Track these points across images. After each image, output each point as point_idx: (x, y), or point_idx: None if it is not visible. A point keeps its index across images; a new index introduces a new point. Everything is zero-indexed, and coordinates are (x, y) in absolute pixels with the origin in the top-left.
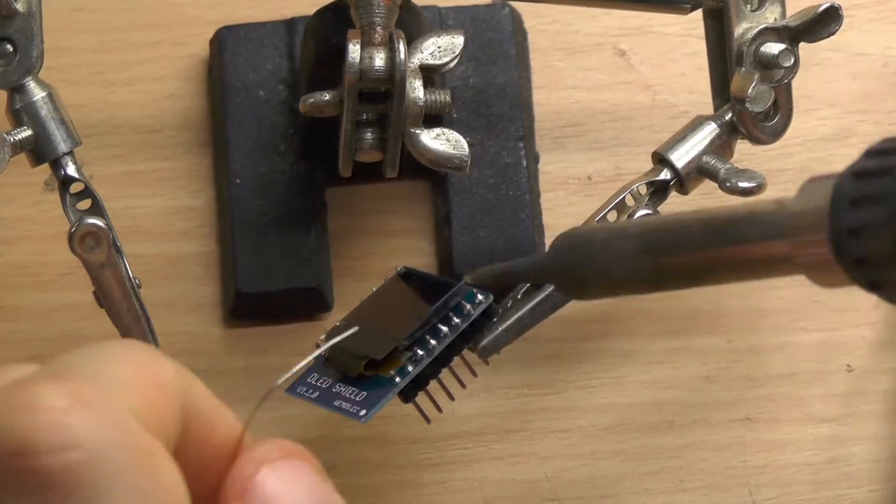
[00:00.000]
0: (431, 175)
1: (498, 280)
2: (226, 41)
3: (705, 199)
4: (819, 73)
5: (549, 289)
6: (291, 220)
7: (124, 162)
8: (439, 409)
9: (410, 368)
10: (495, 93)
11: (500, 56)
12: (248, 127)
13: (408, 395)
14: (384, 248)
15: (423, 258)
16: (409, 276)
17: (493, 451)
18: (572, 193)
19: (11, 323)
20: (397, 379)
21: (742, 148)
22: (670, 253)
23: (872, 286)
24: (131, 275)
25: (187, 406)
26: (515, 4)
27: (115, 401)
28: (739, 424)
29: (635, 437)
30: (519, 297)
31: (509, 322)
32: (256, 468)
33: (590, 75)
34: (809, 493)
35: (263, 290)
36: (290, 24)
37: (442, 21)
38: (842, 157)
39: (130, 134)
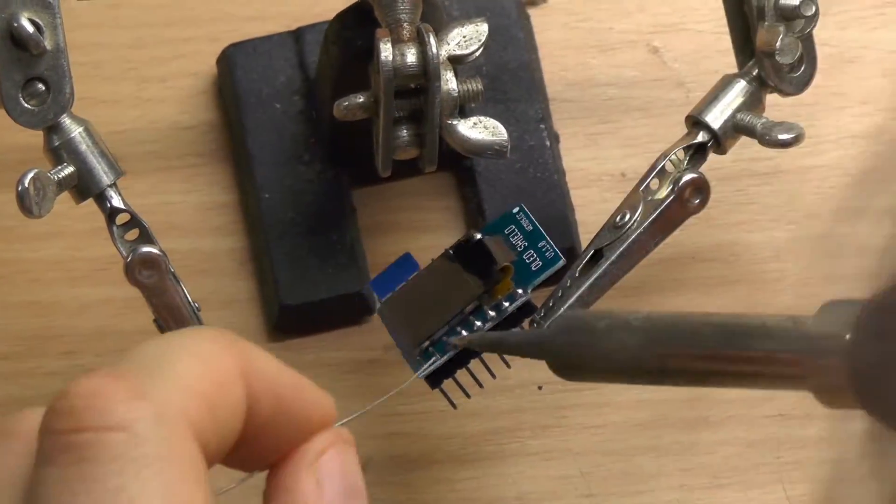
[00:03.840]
0: (455, 167)
1: (490, 349)
2: (235, 58)
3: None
4: (852, 70)
5: (606, 264)
6: (325, 228)
7: (159, 158)
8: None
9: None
10: (510, 78)
11: (509, 41)
12: (269, 141)
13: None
14: (416, 244)
15: None
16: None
17: (528, 447)
18: (606, 190)
19: (46, 318)
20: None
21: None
22: (677, 351)
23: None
24: (190, 299)
25: (257, 389)
26: None
27: (170, 399)
28: (773, 421)
29: (670, 433)
30: (577, 274)
31: (570, 301)
32: (325, 447)
33: (623, 72)
34: (843, 488)
35: (307, 300)
36: (297, 34)
37: (447, 12)
38: (875, 155)
39: (165, 130)
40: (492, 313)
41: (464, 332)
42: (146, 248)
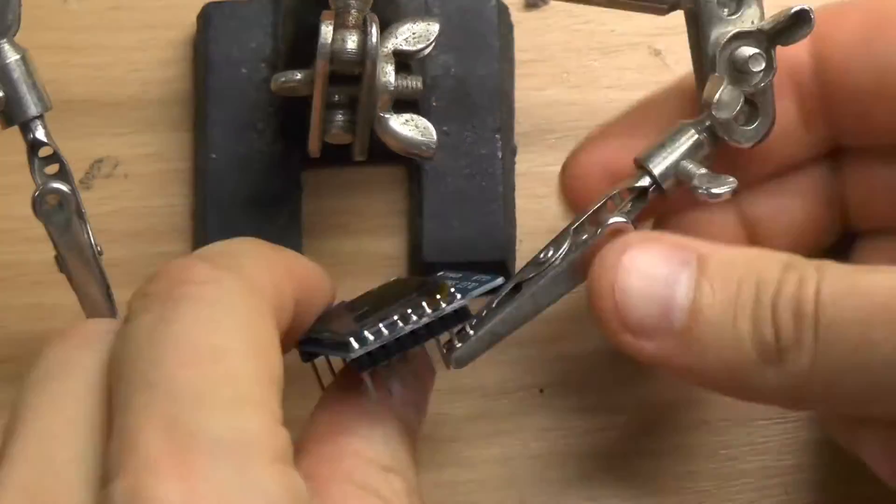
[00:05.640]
0: (408, 161)
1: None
2: (211, 17)
3: None
4: None
5: (524, 297)
6: (265, 201)
7: (162, 160)
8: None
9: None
10: (475, 84)
11: (482, 48)
12: (229, 104)
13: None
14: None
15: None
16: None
17: (530, 450)
18: None
19: (49, 321)
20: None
21: None
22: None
23: None
24: (93, 242)
25: (298, 287)
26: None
27: (251, 275)
28: (776, 424)
29: (670, 436)
30: (494, 305)
31: (482, 332)
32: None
33: (625, 75)
34: (846, 490)
35: None
36: (277, 2)
37: (428, 10)
38: None
39: (168, 132)
40: (428, 309)
41: (400, 323)
42: (55, 184)
